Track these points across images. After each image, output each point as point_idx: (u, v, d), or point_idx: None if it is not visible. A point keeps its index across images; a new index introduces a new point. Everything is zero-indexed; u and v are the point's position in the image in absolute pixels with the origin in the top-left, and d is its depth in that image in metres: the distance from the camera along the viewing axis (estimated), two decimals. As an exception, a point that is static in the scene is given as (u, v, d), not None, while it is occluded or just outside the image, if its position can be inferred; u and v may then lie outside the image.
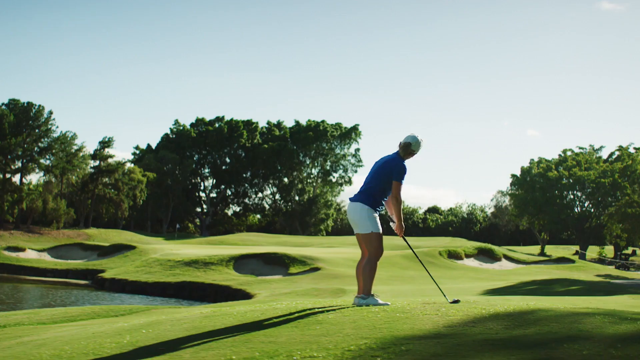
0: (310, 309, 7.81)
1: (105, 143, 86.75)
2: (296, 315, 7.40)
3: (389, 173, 8.45)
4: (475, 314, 6.81)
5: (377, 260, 8.41)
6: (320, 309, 7.75)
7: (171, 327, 7.41)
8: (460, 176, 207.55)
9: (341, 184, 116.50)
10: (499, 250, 54.27)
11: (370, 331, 6.13)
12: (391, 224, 8.88)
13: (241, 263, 40.21)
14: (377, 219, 8.50)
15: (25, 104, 78.78)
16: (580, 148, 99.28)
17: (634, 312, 7.02)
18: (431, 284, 33.33)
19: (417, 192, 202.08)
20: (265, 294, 30.27)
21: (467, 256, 49.27)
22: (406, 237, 9.35)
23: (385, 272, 38.40)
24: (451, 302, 8.21)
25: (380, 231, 8.44)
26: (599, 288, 26.57)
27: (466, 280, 36.26)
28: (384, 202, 8.60)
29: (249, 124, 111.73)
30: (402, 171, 8.44)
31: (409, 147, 8.55)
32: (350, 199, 8.71)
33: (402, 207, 8.68)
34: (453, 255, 48.10)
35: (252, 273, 38.37)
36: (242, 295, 32.69)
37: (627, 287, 28.68)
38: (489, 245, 54.37)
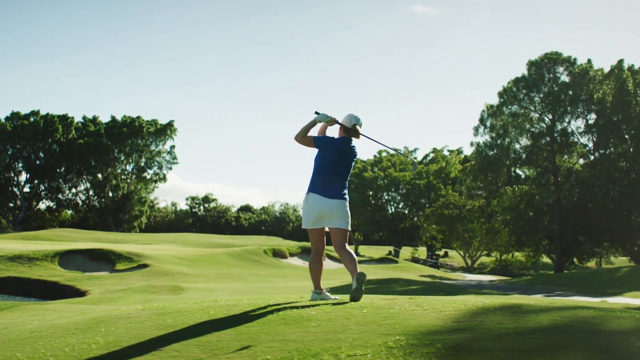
0: (273, 305, 7.45)
1: None
2: (268, 310, 7.02)
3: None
4: (466, 309, 6.64)
5: (314, 255, 8.37)
6: (285, 305, 7.42)
7: (134, 326, 6.72)
8: (267, 175, 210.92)
9: (156, 181, 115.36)
10: (322, 250, 55.16)
11: (379, 327, 5.81)
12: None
13: (66, 259, 38.45)
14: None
15: None
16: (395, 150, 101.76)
17: (611, 308, 7.39)
18: (264, 282, 33.53)
19: (226, 191, 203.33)
20: (99, 291, 29.09)
21: (292, 255, 50.03)
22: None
23: (213, 270, 38.28)
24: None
25: (313, 226, 8.17)
26: (439, 288, 27.63)
27: (295, 279, 36.71)
28: (325, 179, 8.34)
29: (64, 119, 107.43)
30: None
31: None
32: None
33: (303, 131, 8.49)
34: (278, 254, 48.74)
35: (78, 269, 36.81)
36: (72, 291, 31.26)
37: (464, 287, 30.10)
38: (312, 245, 55.01)
